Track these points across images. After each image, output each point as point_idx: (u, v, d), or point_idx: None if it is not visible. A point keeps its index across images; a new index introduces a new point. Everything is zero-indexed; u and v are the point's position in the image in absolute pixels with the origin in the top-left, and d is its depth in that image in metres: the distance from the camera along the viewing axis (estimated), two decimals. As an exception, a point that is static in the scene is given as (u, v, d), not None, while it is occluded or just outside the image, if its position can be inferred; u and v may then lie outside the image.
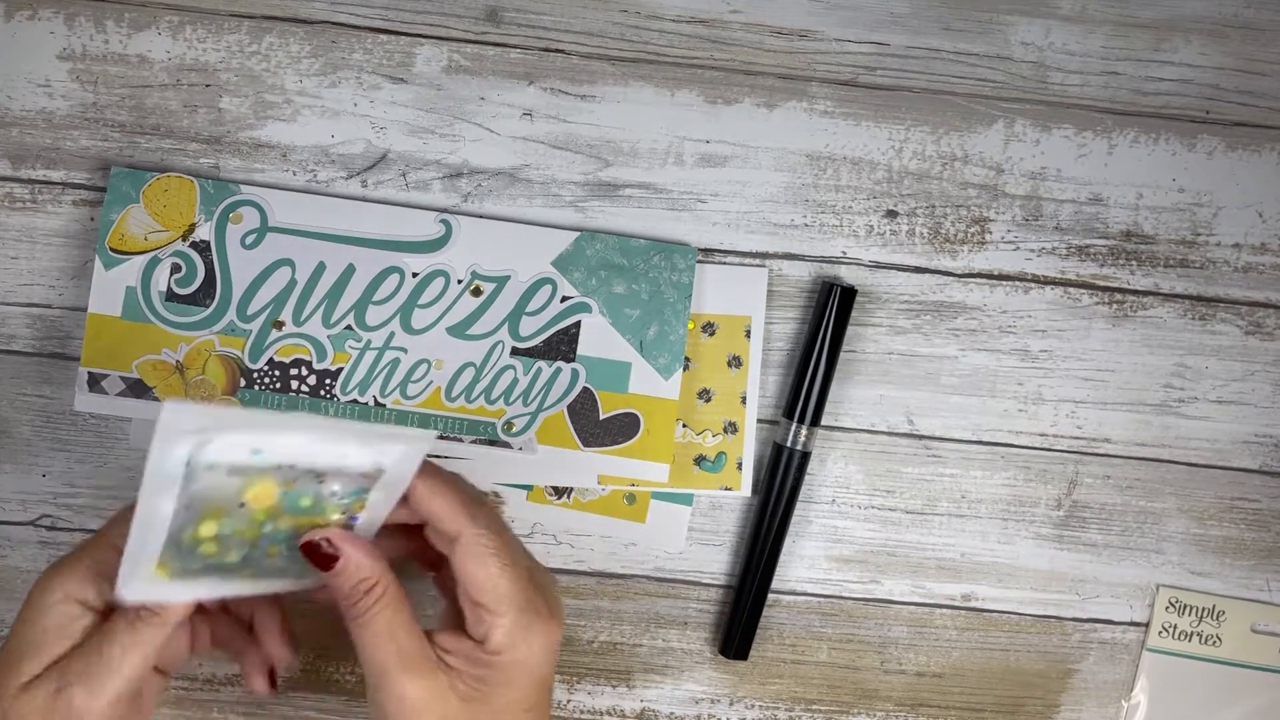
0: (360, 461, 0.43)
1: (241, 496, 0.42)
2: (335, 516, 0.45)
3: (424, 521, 0.46)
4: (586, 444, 0.55)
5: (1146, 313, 0.57)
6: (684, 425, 0.56)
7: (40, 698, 0.42)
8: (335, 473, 0.44)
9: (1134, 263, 0.57)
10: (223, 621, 0.49)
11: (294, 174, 0.55)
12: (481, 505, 0.45)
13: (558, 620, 0.45)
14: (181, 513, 0.41)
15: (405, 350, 0.54)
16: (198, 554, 0.43)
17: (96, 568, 0.44)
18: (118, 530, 0.44)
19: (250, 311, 0.53)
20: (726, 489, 0.56)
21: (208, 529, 0.43)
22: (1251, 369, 0.58)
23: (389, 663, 0.43)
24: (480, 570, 0.43)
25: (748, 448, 0.56)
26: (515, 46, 0.55)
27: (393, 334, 0.54)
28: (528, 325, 0.54)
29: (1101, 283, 0.57)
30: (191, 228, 0.53)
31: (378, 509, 0.46)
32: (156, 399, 0.53)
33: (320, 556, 0.44)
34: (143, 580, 0.43)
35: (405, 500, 0.45)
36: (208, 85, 0.54)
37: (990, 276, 0.57)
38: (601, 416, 0.55)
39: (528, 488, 0.56)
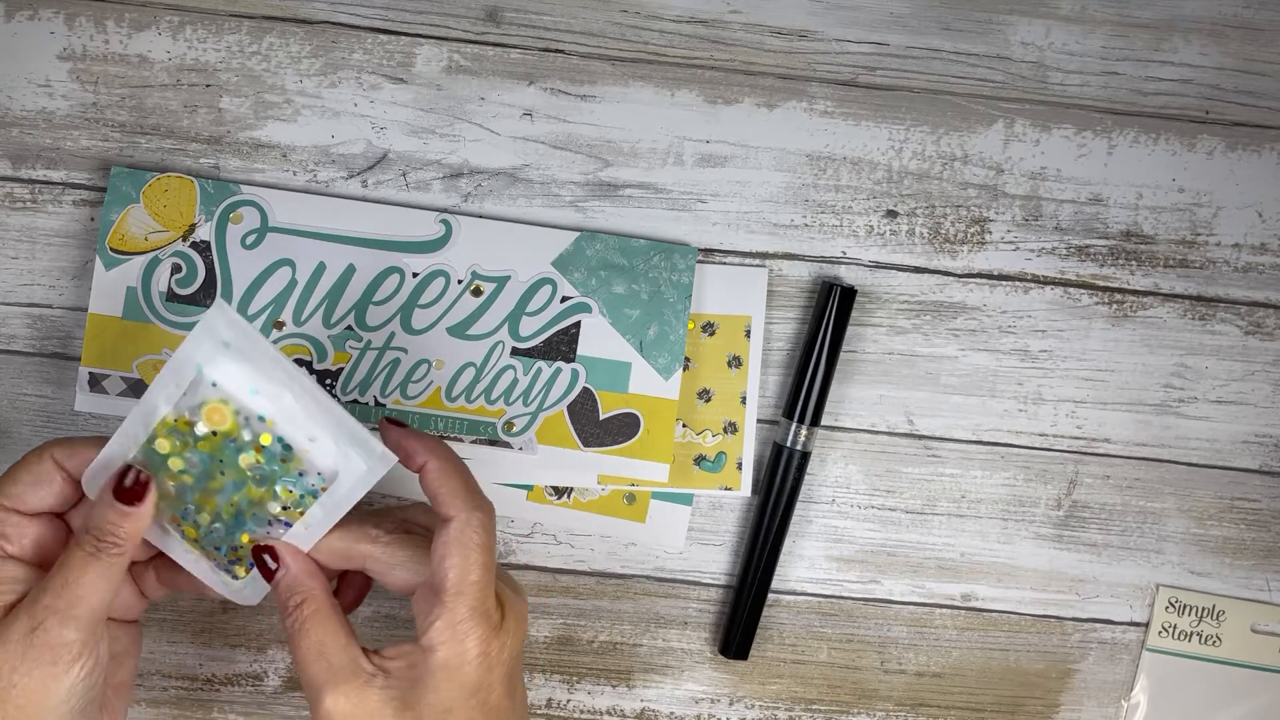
0: (323, 457, 0.45)
1: (202, 414, 0.45)
2: (275, 509, 0.47)
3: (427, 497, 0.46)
4: (586, 444, 0.55)
5: (1146, 313, 0.57)
6: (684, 425, 0.56)
7: (15, 640, 0.43)
8: (300, 456, 0.46)
9: (1134, 263, 0.57)
10: (166, 563, 0.49)
11: (294, 174, 0.55)
12: (485, 502, 0.45)
13: (507, 634, 0.45)
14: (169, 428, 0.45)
15: (405, 350, 0.54)
16: (159, 467, 0.46)
17: None
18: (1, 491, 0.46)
19: (251, 312, 0.54)
20: (726, 489, 0.56)
21: (174, 449, 0.46)
22: (1251, 369, 0.58)
23: (319, 678, 0.44)
24: (458, 556, 0.44)
25: (748, 448, 0.56)
26: (515, 46, 0.55)
27: (393, 334, 0.54)
28: (528, 325, 0.54)
29: (1101, 283, 0.57)
30: (192, 228, 0.54)
31: (313, 528, 0.47)
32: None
33: (264, 566, 0.46)
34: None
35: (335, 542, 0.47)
36: (208, 85, 0.54)
37: (990, 276, 0.57)
38: (601, 416, 0.55)
39: (528, 488, 0.56)
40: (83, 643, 0.43)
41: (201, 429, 0.45)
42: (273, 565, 0.46)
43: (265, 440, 0.45)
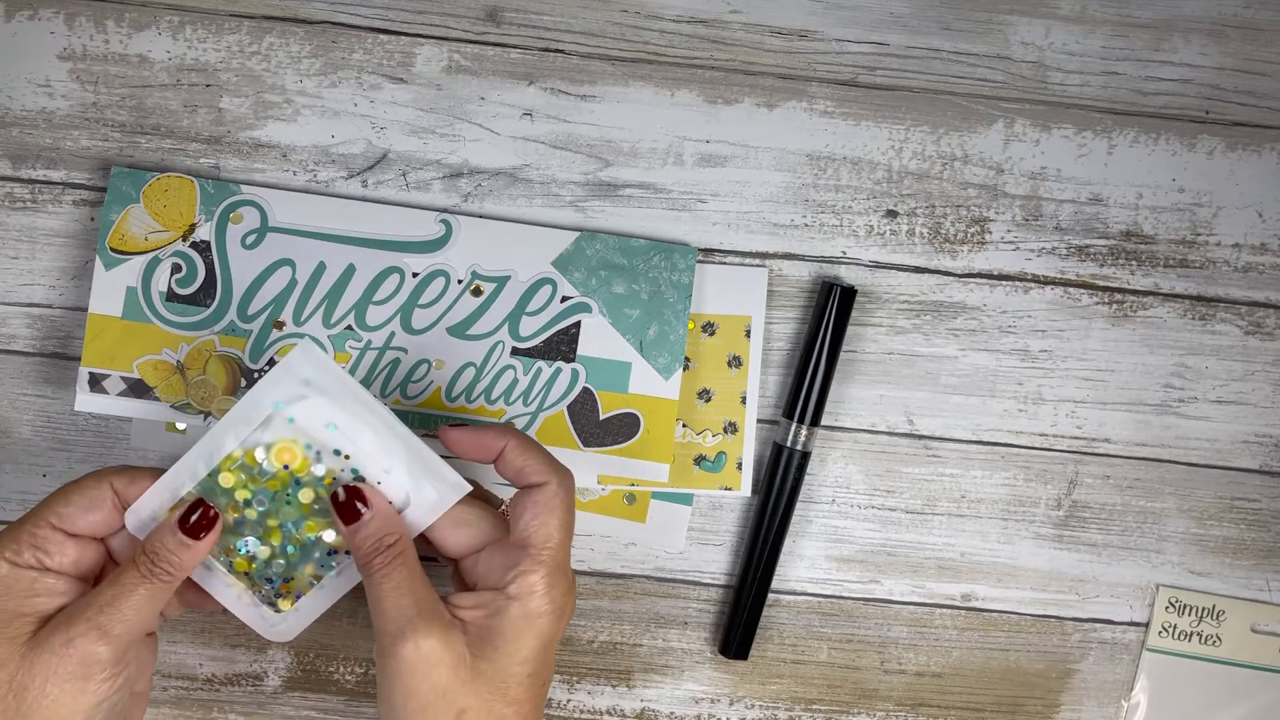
0: (395, 490, 0.47)
1: (272, 452, 0.46)
2: (337, 539, 0.48)
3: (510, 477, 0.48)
4: (586, 444, 0.55)
5: (1146, 313, 0.57)
6: (684, 425, 0.56)
7: (52, 651, 0.43)
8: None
9: (1134, 263, 0.57)
10: (190, 584, 0.49)
11: (294, 174, 0.55)
12: (567, 470, 0.47)
13: (573, 596, 0.47)
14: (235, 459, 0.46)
15: (405, 350, 0.54)
16: (221, 497, 0.46)
17: (32, 539, 0.45)
18: (51, 509, 0.45)
19: (251, 311, 0.54)
20: (726, 489, 0.56)
21: (239, 484, 0.46)
22: (1251, 369, 0.58)
23: (408, 614, 0.44)
24: (547, 517, 0.46)
25: (748, 448, 0.56)
26: (515, 46, 0.55)
27: (393, 334, 0.54)
28: (528, 325, 0.54)
29: (1101, 283, 0.57)
30: (192, 228, 0.54)
31: None
32: (157, 399, 0.53)
33: (349, 506, 0.46)
34: (152, 516, 0.46)
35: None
36: (208, 85, 0.54)
37: (990, 276, 0.57)
38: (601, 416, 0.55)
39: (528, 488, 0.56)
40: (114, 660, 0.43)
41: (271, 466, 0.46)
42: (361, 508, 0.46)
43: (334, 474, 0.46)
